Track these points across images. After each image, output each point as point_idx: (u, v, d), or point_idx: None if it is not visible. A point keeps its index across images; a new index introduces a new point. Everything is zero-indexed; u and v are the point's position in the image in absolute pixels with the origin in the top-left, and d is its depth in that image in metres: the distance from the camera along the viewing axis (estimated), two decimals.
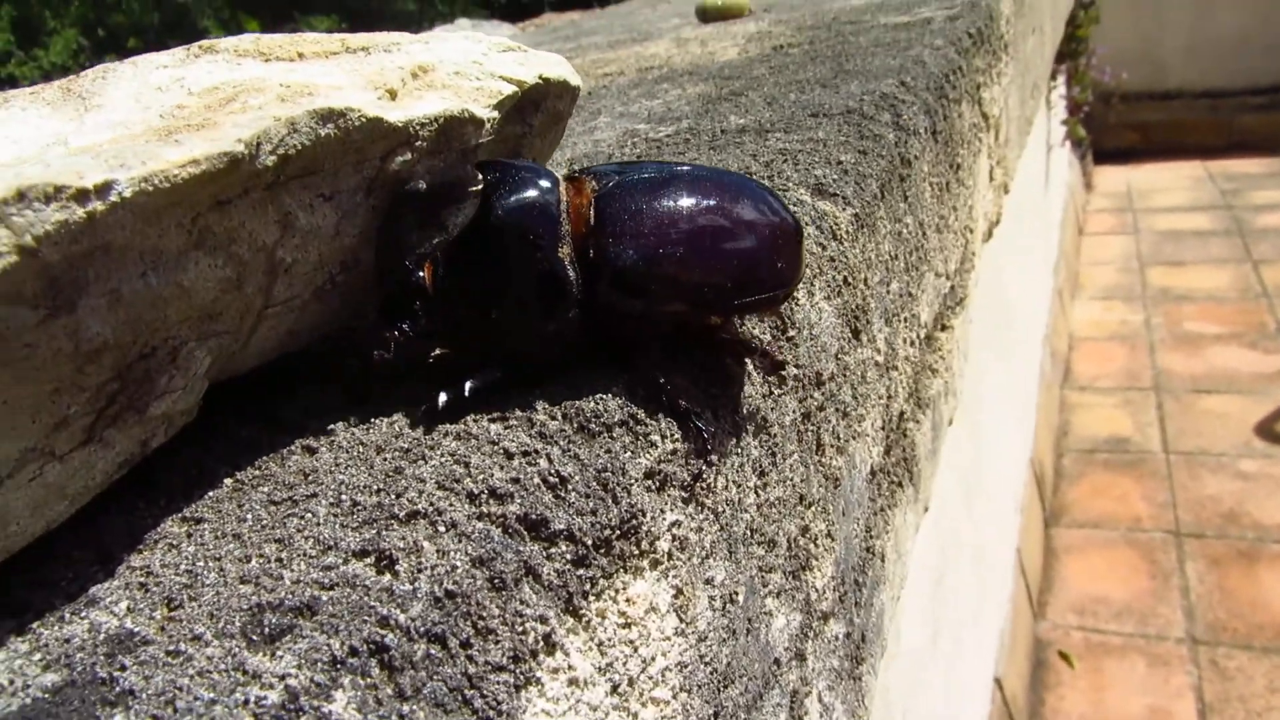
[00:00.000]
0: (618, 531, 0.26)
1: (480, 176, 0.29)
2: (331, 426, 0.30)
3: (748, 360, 0.34)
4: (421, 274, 0.29)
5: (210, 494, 0.28)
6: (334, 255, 0.28)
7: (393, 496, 0.26)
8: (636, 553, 0.27)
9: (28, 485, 0.24)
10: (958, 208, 0.69)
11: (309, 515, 0.26)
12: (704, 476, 0.30)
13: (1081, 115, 2.80)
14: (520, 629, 0.23)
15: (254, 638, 0.22)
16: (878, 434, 0.49)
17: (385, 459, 0.28)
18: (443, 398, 0.29)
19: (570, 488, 0.26)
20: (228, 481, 0.29)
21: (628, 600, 0.27)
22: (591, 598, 0.26)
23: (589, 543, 0.25)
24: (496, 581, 0.23)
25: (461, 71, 0.30)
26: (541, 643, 0.23)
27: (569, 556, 0.25)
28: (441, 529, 0.24)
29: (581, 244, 0.30)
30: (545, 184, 0.30)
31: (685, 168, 0.33)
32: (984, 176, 0.83)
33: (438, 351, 0.33)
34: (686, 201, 0.31)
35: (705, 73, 0.79)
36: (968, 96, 0.73)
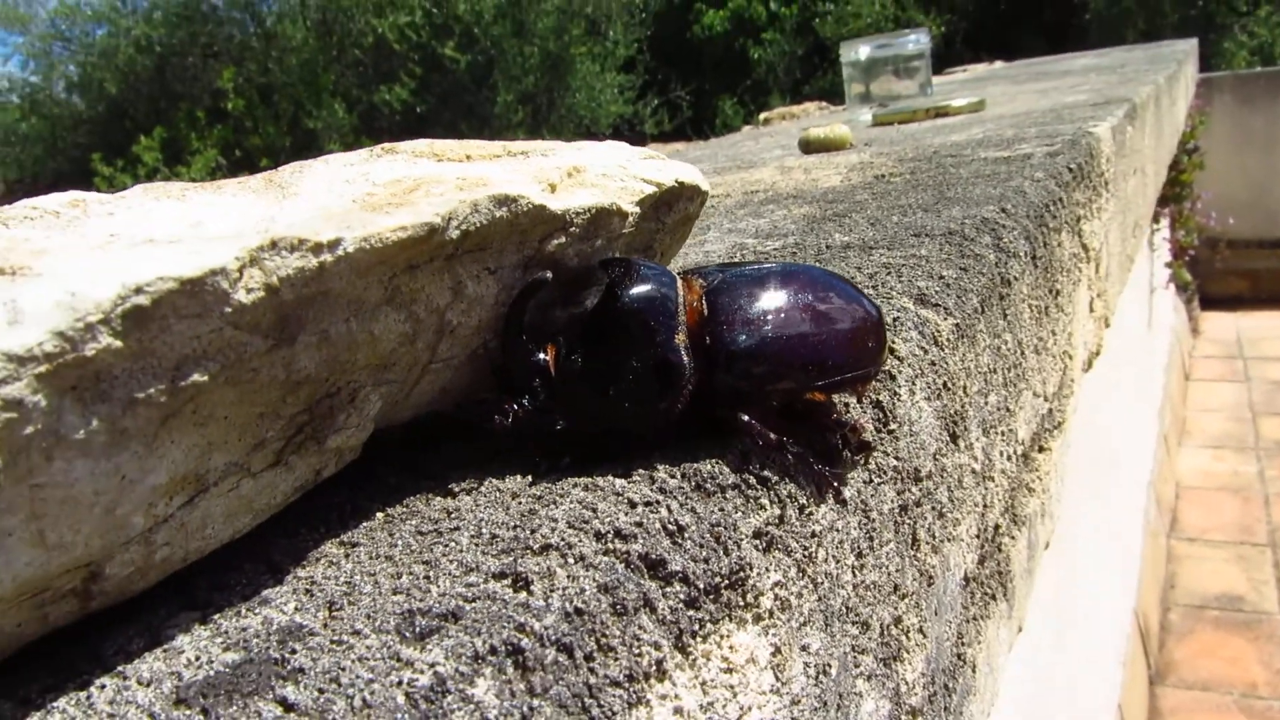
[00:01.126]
0: (726, 581, 0.29)
1: (605, 271, 0.34)
2: (470, 477, 0.34)
3: (841, 436, 0.37)
4: (543, 355, 0.33)
5: (364, 525, 0.32)
6: (490, 323, 0.32)
7: (528, 532, 0.29)
8: (742, 604, 0.29)
9: (226, 495, 0.28)
10: (1056, 332, 0.71)
11: (453, 544, 0.29)
12: (807, 546, 0.33)
13: (1186, 260, 2.76)
14: (637, 651, 0.25)
15: (406, 634, 0.25)
16: (972, 541, 0.50)
17: (520, 503, 0.31)
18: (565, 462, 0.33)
19: (686, 536, 0.29)
20: (379, 515, 0.33)
21: (730, 647, 0.29)
22: (699, 639, 0.28)
23: (700, 586, 0.28)
24: (619, 607, 0.26)
25: (608, 173, 0.34)
26: (654, 668, 0.26)
27: (681, 597, 0.28)
28: (571, 560, 0.27)
29: (696, 333, 0.34)
30: (666, 279, 0.34)
31: (776, 265, 0.37)
32: (1084, 306, 0.84)
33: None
34: (785, 291, 0.35)
35: (809, 196, 0.84)
36: (1068, 227, 0.76)
